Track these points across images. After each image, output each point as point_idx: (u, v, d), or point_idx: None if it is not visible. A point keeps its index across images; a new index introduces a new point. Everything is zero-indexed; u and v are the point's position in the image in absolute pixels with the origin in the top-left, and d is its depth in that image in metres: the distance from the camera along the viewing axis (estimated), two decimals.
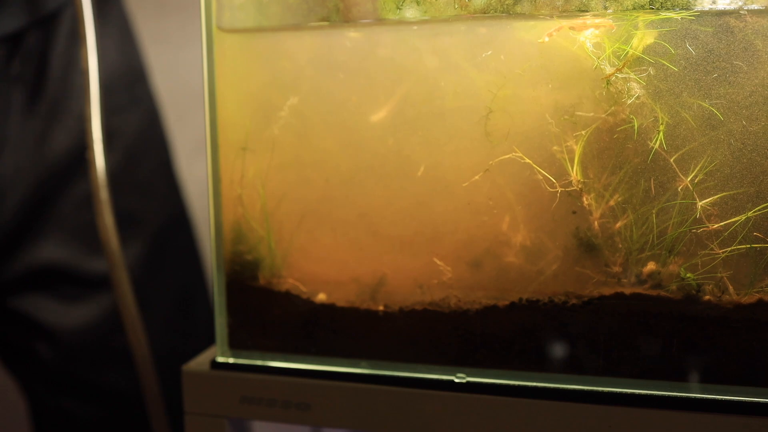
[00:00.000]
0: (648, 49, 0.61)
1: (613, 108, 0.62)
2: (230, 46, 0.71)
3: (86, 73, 0.83)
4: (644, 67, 0.61)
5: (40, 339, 1.02)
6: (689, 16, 0.60)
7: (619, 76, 0.62)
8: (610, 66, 0.62)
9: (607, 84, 0.62)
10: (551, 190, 0.64)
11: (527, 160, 0.64)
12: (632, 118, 0.62)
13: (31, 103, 0.97)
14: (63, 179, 0.99)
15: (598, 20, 0.62)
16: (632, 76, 0.61)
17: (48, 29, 0.98)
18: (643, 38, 0.61)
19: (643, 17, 0.60)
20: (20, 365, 1.07)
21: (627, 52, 0.61)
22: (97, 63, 0.84)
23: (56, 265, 1.00)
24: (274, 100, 0.72)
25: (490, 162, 0.65)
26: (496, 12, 0.64)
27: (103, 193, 0.85)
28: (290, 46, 0.71)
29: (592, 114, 0.63)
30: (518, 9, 0.63)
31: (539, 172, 0.64)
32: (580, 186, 0.63)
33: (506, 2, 0.63)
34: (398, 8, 0.66)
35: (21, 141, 0.96)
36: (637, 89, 0.62)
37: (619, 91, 0.62)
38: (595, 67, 0.62)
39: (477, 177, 0.66)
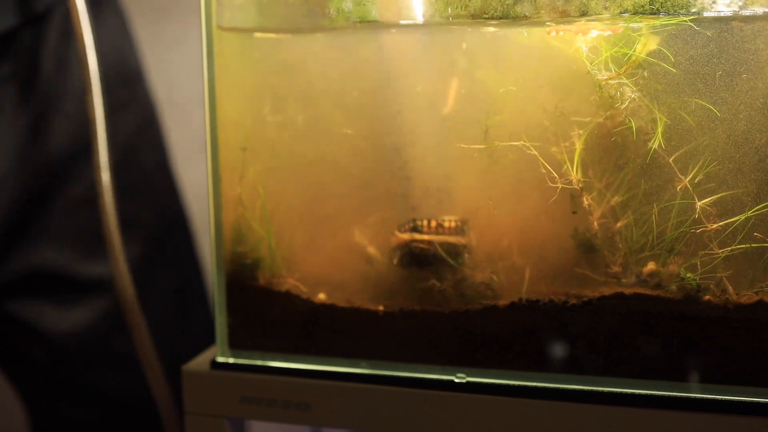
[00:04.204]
0: (649, 53, 0.61)
1: (612, 110, 0.62)
2: (230, 45, 0.71)
3: (86, 73, 0.83)
4: (643, 70, 0.62)
5: (36, 343, 1.01)
6: (690, 21, 0.60)
7: (613, 82, 0.62)
8: (606, 71, 0.62)
9: (600, 88, 0.62)
10: (552, 185, 0.64)
11: (533, 152, 0.64)
12: (631, 120, 0.62)
13: (23, 103, 0.97)
14: (56, 181, 0.99)
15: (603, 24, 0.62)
16: (626, 81, 0.62)
17: (39, 28, 0.97)
18: (647, 44, 0.61)
19: (648, 22, 0.61)
20: (16, 370, 1.06)
21: (629, 57, 0.61)
22: (96, 62, 0.83)
23: (50, 269, 1.00)
24: (274, 99, 0.72)
25: (492, 143, 0.65)
26: (495, 13, 0.64)
27: (108, 197, 0.84)
28: (290, 46, 0.71)
29: (589, 119, 0.63)
30: (518, 10, 0.63)
31: (543, 165, 0.64)
32: (580, 185, 0.63)
33: (506, 2, 0.63)
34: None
35: (12, 141, 0.96)
36: (636, 91, 0.62)
37: (619, 94, 0.62)
38: (588, 72, 0.62)
39: (477, 147, 0.66)
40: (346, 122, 0.70)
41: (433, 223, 0.67)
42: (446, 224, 0.67)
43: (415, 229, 0.68)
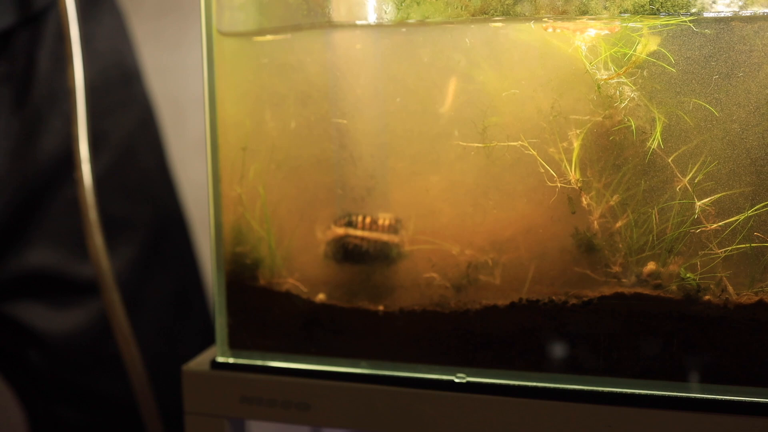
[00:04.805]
0: (648, 53, 0.62)
1: (611, 110, 0.63)
2: (230, 47, 0.71)
3: (72, 81, 0.83)
4: (642, 70, 0.62)
5: (31, 345, 1.01)
6: (689, 21, 0.60)
7: (612, 82, 0.62)
8: (605, 70, 0.62)
9: (598, 88, 0.62)
10: (551, 184, 0.64)
11: (532, 151, 0.64)
12: (630, 120, 0.62)
13: (18, 104, 0.96)
14: (51, 182, 0.99)
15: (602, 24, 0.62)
16: (626, 81, 0.62)
17: (36, 28, 0.97)
18: (647, 45, 0.61)
19: (647, 22, 0.61)
20: (13, 371, 1.06)
21: (629, 57, 0.61)
22: (81, 73, 0.83)
23: (45, 270, 0.99)
24: (274, 100, 0.72)
25: (490, 143, 0.65)
26: (496, 12, 0.64)
27: (90, 200, 0.84)
28: (290, 47, 0.71)
29: (587, 117, 0.63)
30: (518, 9, 0.63)
31: (542, 164, 0.64)
32: (579, 184, 0.64)
33: (506, 2, 0.63)
34: (398, 8, 0.66)
35: (7, 142, 0.96)
36: (635, 91, 0.62)
37: (618, 94, 0.62)
38: (586, 72, 0.62)
39: (476, 145, 0.66)
40: (345, 122, 0.70)
41: (368, 220, 0.68)
42: (380, 222, 0.68)
43: (350, 224, 0.68)
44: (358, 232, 0.68)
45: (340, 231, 0.68)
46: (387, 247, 0.68)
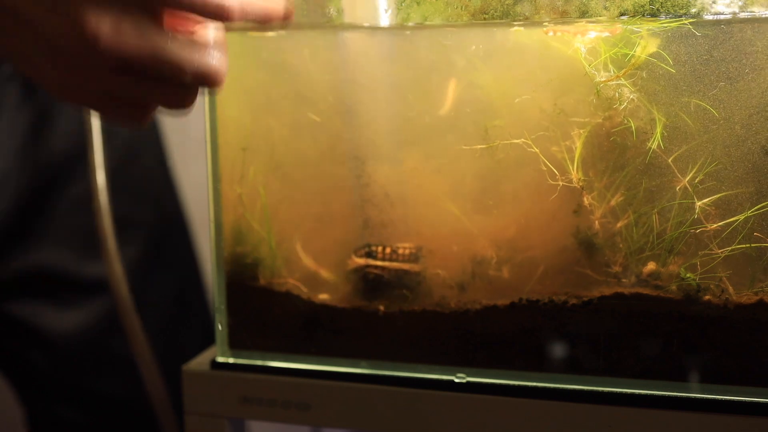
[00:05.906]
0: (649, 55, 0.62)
1: (611, 111, 0.63)
2: (230, 47, 0.71)
3: None
4: (641, 71, 0.62)
5: (35, 344, 1.01)
6: (689, 23, 0.60)
7: (612, 83, 0.62)
8: (605, 72, 0.62)
9: (597, 91, 0.62)
10: (552, 182, 0.64)
11: (534, 149, 0.64)
12: (629, 121, 0.62)
13: (24, 103, 0.96)
14: (57, 181, 0.99)
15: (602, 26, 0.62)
16: (625, 83, 0.62)
17: None
18: (647, 47, 0.61)
19: (647, 24, 0.61)
20: (14, 370, 1.06)
21: (629, 57, 0.61)
22: None
23: (50, 269, 0.99)
24: (275, 99, 0.72)
25: (495, 142, 0.66)
26: (496, 12, 0.64)
27: (102, 199, 0.84)
28: (290, 46, 0.71)
29: (588, 119, 0.63)
30: (518, 9, 0.63)
31: (544, 162, 0.64)
32: (581, 184, 0.64)
33: (506, 2, 0.63)
34: (398, 8, 0.66)
35: (14, 141, 0.96)
36: (635, 92, 0.62)
37: (617, 95, 0.62)
38: (585, 74, 0.62)
39: (479, 147, 0.66)
40: (346, 121, 0.70)
41: (388, 250, 0.68)
42: (400, 251, 0.68)
43: (369, 254, 0.68)
44: (378, 262, 0.68)
45: (361, 261, 0.68)
46: (407, 276, 0.68)
